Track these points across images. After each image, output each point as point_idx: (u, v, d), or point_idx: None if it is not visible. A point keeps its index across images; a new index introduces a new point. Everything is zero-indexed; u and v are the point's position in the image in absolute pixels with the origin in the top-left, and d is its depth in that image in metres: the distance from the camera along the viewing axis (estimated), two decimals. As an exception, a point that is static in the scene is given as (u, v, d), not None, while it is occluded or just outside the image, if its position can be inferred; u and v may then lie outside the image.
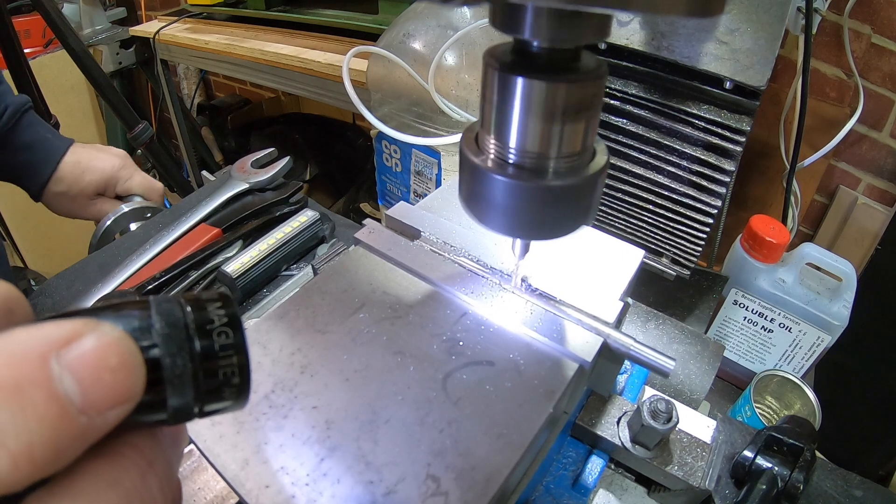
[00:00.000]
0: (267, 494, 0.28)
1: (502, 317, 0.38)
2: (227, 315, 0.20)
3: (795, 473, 0.42)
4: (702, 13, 0.20)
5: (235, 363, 0.20)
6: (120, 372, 0.17)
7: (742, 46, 0.54)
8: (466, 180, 0.31)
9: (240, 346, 0.20)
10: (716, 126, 0.58)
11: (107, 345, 0.17)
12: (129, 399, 0.18)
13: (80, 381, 0.17)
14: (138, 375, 0.18)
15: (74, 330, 0.17)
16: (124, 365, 0.17)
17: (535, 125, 0.27)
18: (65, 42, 1.25)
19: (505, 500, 0.33)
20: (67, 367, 0.17)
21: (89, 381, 0.17)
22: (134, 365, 0.18)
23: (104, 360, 0.17)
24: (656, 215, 0.66)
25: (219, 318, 0.20)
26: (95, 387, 0.17)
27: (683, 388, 0.53)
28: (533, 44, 0.26)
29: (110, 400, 0.17)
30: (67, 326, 0.17)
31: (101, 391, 0.17)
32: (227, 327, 0.20)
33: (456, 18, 0.75)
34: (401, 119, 0.83)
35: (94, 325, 0.18)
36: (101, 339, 0.17)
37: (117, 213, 0.83)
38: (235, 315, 0.20)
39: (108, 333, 0.17)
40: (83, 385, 0.17)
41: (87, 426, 0.17)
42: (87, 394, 0.17)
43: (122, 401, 0.17)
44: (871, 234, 1.12)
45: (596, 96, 0.27)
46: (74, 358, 0.17)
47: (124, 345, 0.18)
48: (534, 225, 0.30)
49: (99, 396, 0.17)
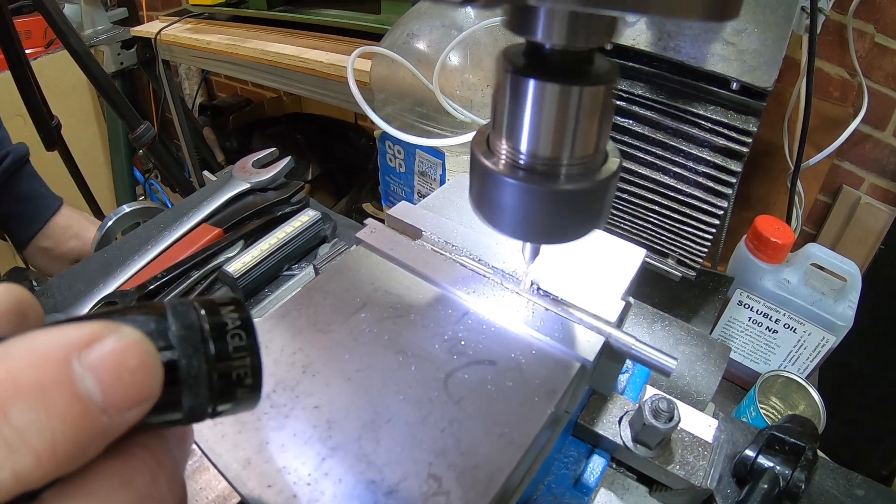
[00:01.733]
0: (269, 494, 0.28)
1: (504, 316, 0.38)
2: (240, 318, 0.21)
3: (797, 473, 0.42)
4: (718, 17, 0.20)
5: (248, 364, 0.21)
6: (139, 373, 0.18)
7: (749, 47, 0.53)
8: (477, 183, 0.31)
9: (253, 349, 0.21)
10: (722, 127, 0.57)
11: (126, 346, 0.18)
12: (148, 399, 0.18)
13: (101, 382, 0.17)
14: (157, 376, 0.18)
15: (95, 332, 0.18)
16: (143, 366, 0.18)
17: (549, 128, 0.27)
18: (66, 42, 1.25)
19: (506, 500, 0.33)
20: (89, 368, 0.17)
21: (110, 382, 0.17)
22: (152, 366, 0.18)
23: (124, 362, 0.18)
24: (662, 216, 0.66)
25: (232, 322, 0.21)
26: (116, 387, 0.17)
27: (690, 389, 0.53)
28: (546, 45, 0.26)
29: (130, 399, 0.18)
30: (88, 329, 0.18)
31: (122, 391, 0.17)
32: (240, 330, 0.21)
33: (460, 18, 0.74)
34: (404, 119, 0.83)
35: (114, 328, 0.18)
36: (121, 340, 0.18)
37: (119, 214, 0.83)
38: (248, 318, 0.21)
39: (128, 336, 0.18)
40: (104, 385, 0.17)
41: (108, 425, 0.17)
42: (108, 394, 0.17)
43: (141, 400, 0.18)
44: (875, 234, 1.12)
45: (609, 99, 0.27)
46: (96, 359, 0.17)
47: (143, 346, 0.18)
48: (545, 229, 0.30)
49: (119, 396, 0.17)
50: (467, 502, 0.28)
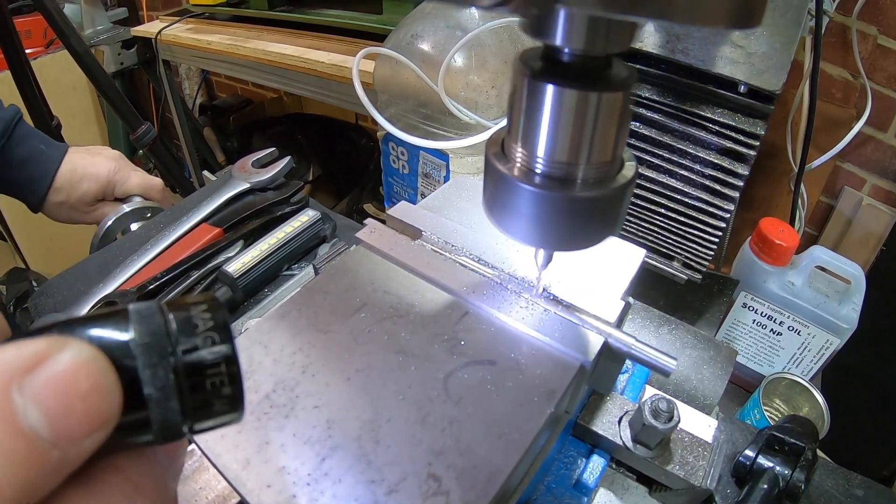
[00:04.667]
0: (268, 494, 0.28)
1: (503, 316, 0.38)
2: (213, 319, 0.18)
3: (797, 473, 0.42)
4: (742, 25, 0.20)
5: (225, 372, 0.18)
6: (92, 396, 0.16)
7: (757, 50, 0.53)
8: (491, 188, 0.30)
9: (229, 354, 0.18)
10: (729, 130, 0.57)
11: (76, 367, 0.15)
12: (105, 424, 0.16)
13: (47, 412, 0.15)
14: (113, 397, 0.16)
15: (37, 353, 0.15)
16: (97, 388, 0.16)
17: (566, 134, 0.26)
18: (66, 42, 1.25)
19: (506, 500, 0.33)
20: (32, 398, 0.15)
21: (58, 411, 0.15)
22: (107, 386, 0.16)
23: (73, 386, 0.15)
24: (668, 219, 0.66)
25: (204, 323, 0.18)
26: (65, 416, 0.15)
27: (697, 393, 0.53)
28: (565, 50, 0.26)
29: (84, 428, 0.15)
30: (29, 349, 0.15)
31: (73, 420, 0.15)
32: (213, 332, 0.18)
33: (464, 19, 0.74)
34: (407, 120, 0.83)
35: (61, 344, 0.16)
36: (70, 360, 0.16)
37: (118, 214, 0.83)
38: (223, 319, 0.18)
39: (77, 354, 0.16)
40: (51, 416, 0.15)
41: (61, 459, 0.15)
42: (57, 425, 0.15)
43: (97, 427, 0.16)
44: (877, 236, 1.12)
45: (627, 106, 0.27)
46: (39, 385, 0.15)
47: (95, 365, 0.16)
48: (559, 236, 0.30)
49: (70, 426, 0.15)
50: (467, 502, 0.28)
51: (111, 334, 0.17)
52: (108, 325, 0.17)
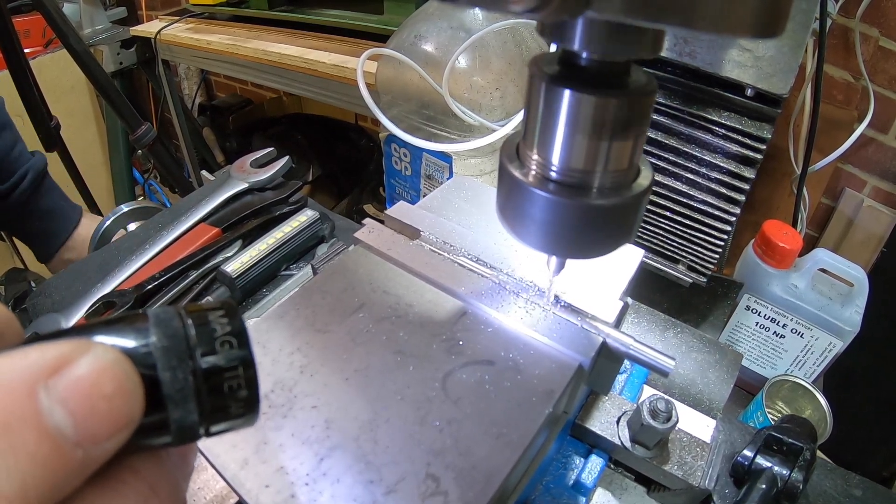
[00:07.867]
0: (267, 494, 0.28)
1: (502, 316, 0.38)
2: (231, 324, 0.19)
3: (795, 473, 0.42)
4: (767, 34, 0.20)
5: (242, 375, 0.19)
6: (116, 398, 0.16)
7: (765, 54, 0.53)
8: (504, 193, 0.30)
9: (246, 358, 0.19)
10: (736, 133, 0.57)
11: (100, 369, 0.16)
12: (127, 426, 0.16)
13: (72, 413, 0.15)
14: (136, 399, 0.17)
15: (63, 355, 0.16)
16: (120, 390, 0.16)
17: (583, 141, 0.26)
18: (66, 42, 1.25)
19: (505, 500, 0.33)
20: (58, 399, 0.15)
21: (82, 412, 0.15)
22: (131, 389, 0.16)
23: (98, 388, 0.16)
24: (674, 222, 0.66)
25: (222, 328, 0.19)
26: (90, 417, 0.16)
27: (703, 397, 0.53)
28: (583, 55, 0.25)
29: (107, 430, 0.16)
30: (55, 351, 0.16)
31: (97, 421, 0.16)
32: (231, 336, 0.19)
33: (468, 20, 0.74)
34: (410, 121, 0.82)
35: (85, 347, 0.16)
36: (94, 363, 0.16)
37: (116, 213, 0.83)
38: (241, 324, 0.19)
39: (101, 356, 0.16)
40: (76, 417, 0.15)
41: (84, 459, 0.16)
42: (81, 426, 0.15)
43: (120, 429, 0.16)
44: (877, 237, 1.12)
45: (646, 113, 0.26)
46: (65, 387, 0.15)
47: (119, 367, 0.16)
48: (573, 243, 0.29)
49: (94, 427, 0.16)
50: (465, 502, 0.28)
51: (132, 338, 0.17)
52: (128, 329, 0.18)
